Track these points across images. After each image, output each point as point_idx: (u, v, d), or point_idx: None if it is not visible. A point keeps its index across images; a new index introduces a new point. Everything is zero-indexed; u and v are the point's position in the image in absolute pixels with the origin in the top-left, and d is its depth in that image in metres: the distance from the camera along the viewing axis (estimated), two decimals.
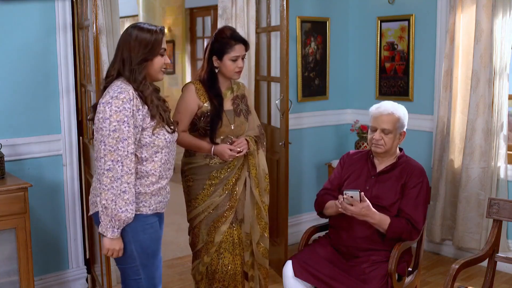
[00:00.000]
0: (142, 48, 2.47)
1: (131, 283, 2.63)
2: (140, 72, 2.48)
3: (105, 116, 2.39)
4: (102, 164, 2.40)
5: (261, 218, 3.35)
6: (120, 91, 2.41)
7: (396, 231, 2.90)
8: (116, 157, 2.39)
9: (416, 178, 3.00)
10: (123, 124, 2.38)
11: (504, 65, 4.11)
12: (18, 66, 3.49)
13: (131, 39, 2.48)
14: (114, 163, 2.39)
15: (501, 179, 4.23)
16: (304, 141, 4.93)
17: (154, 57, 2.51)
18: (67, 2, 3.61)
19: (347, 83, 5.20)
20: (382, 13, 4.87)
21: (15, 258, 3.07)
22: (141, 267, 2.59)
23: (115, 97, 2.40)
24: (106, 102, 2.40)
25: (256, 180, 3.28)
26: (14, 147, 3.48)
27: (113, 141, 2.38)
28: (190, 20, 8.77)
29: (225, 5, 4.09)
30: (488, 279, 2.95)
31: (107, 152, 2.39)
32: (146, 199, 2.55)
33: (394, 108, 3.05)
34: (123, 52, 2.49)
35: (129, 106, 2.40)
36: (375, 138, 3.03)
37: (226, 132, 3.19)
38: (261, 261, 3.40)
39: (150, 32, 2.49)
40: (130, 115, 2.40)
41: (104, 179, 2.40)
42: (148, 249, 2.58)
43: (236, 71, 3.15)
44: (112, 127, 2.38)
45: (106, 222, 2.44)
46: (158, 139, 2.51)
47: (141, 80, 2.48)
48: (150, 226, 2.58)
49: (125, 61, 2.49)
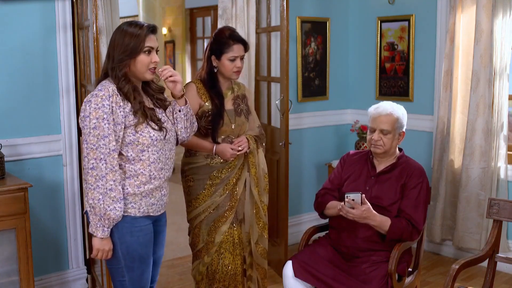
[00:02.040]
0: (124, 46, 2.42)
1: (117, 284, 2.59)
2: (120, 69, 2.43)
3: (85, 114, 2.38)
4: (86, 163, 2.38)
5: (260, 218, 3.35)
6: (100, 88, 2.41)
7: (396, 232, 2.90)
8: (98, 155, 2.36)
9: (416, 179, 3.00)
10: (103, 121, 2.35)
11: (504, 65, 4.11)
12: (18, 66, 3.49)
13: (116, 36, 2.45)
14: (97, 161, 2.36)
15: (501, 179, 4.23)
16: (304, 141, 4.93)
17: (136, 55, 2.43)
18: (67, 2, 3.61)
19: (347, 83, 5.20)
20: (382, 13, 4.87)
21: (15, 258, 3.07)
22: (125, 270, 2.53)
23: (95, 95, 2.39)
24: (87, 101, 2.40)
25: (255, 179, 3.29)
26: (14, 147, 3.48)
27: (94, 138, 2.36)
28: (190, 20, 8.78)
29: (225, 5, 4.09)
30: (488, 279, 2.95)
31: (90, 151, 2.37)
32: (136, 200, 2.49)
33: (392, 109, 3.05)
34: (109, 49, 2.47)
35: (107, 103, 2.37)
36: (374, 138, 3.03)
37: (227, 131, 3.20)
38: (260, 261, 3.40)
39: (135, 28, 2.43)
40: (109, 111, 2.37)
41: (89, 178, 2.37)
42: (134, 253, 2.50)
43: (234, 71, 3.16)
44: (92, 125, 2.36)
45: (95, 222, 2.41)
46: (142, 136, 2.45)
47: (121, 77, 2.43)
48: (140, 229, 2.51)
49: (110, 58, 2.46)
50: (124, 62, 2.43)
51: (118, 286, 2.59)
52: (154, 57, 2.47)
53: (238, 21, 4.08)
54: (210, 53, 3.18)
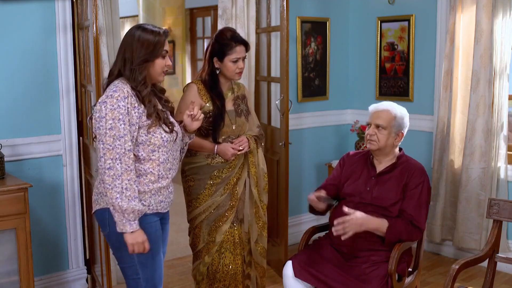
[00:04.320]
0: (144, 49, 2.50)
1: (131, 283, 2.64)
2: (140, 72, 2.51)
3: (101, 115, 2.43)
4: (103, 163, 2.42)
5: (259, 217, 3.36)
6: (115, 89, 2.45)
7: (395, 234, 2.89)
8: (114, 155, 2.41)
9: (417, 178, 3.00)
10: (119, 122, 2.41)
11: (504, 66, 4.11)
12: (18, 66, 3.49)
13: (134, 39, 2.51)
14: (113, 161, 2.41)
15: (501, 179, 4.23)
16: (304, 142, 4.93)
17: (155, 59, 2.53)
18: (67, 2, 3.61)
19: (347, 83, 5.20)
20: (382, 13, 4.87)
21: (15, 258, 3.07)
22: (139, 267, 2.59)
23: (110, 96, 2.43)
24: (102, 101, 2.44)
25: (255, 178, 3.30)
26: (14, 147, 3.48)
27: (110, 139, 2.41)
28: (190, 21, 8.76)
29: (225, 6, 4.09)
30: (488, 279, 2.95)
31: (106, 151, 2.41)
32: (146, 198, 2.55)
33: (391, 107, 3.06)
34: (126, 52, 2.52)
35: (123, 104, 2.43)
36: (368, 133, 3.05)
37: (228, 132, 3.21)
38: (259, 260, 3.41)
39: (153, 34, 2.52)
40: (125, 112, 2.43)
41: (106, 178, 2.42)
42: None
43: (237, 72, 3.17)
44: (108, 125, 2.41)
45: (120, 219, 2.45)
46: (154, 137, 2.53)
47: (141, 80, 2.51)
48: (150, 225, 2.57)
49: (127, 60, 2.52)
50: (144, 65, 2.51)
51: (132, 285, 2.63)
52: (168, 60, 2.59)
53: (238, 21, 4.08)
54: (212, 55, 3.19)
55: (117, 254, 2.63)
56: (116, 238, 2.53)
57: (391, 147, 3.06)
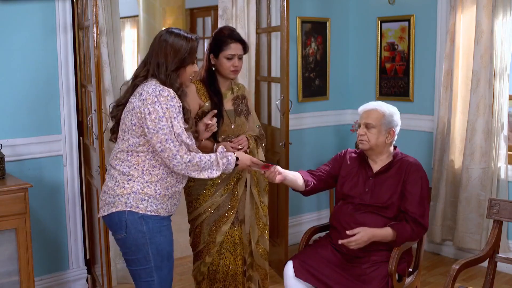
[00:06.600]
0: (179, 55, 2.54)
1: (143, 285, 2.62)
2: (175, 78, 2.56)
3: (159, 115, 2.45)
4: (180, 159, 2.48)
5: (260, 218, 3.36)
6: (161, 89, 2.48)
7: (404, 240, 2.90)
8: (185, 149, 2.49)
9: (415, 175, 2.99)
10: (175, 120, 2.47)
11: (504, 66, 4.11)
12: (19, 66, 3.49)
13: (167, 44, 2.55)
14: (187, 154, 2.49)
15: (502, 179, 4.23)
16: (305, 142, 4.93)
17: (188, 65, 2.58)
18: (67, 3, 3.61)
19: (347, 83, 5.20)
20: (382, 13, 4.87)
21: (15, 258, 3.08)
22: (154, 269, 2.60)
23: (159, 95, 2.46)
24: (153, 103, 2.45)
25: (255, 179, 3.30)
26: (14, 147, 3.48)
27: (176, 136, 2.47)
28: (191, 21, 8.76)
29: (225, 6, 4.09)
30: (488, 279, 2.95)
31: (179, 148, 2.47)
32: (164, 201, 2.60)
33: (379, 106, 3.07)
34: (159, 56, 2.55)
35: (174, 102, 2.47)
36: (359, 133, 3.05)
37: (227, 132, 3.21)
38: (260, 262, 3.40)
39: (186, 40, 2.56)
40: (178, 110, 2.49)
41: (191, 171, 2.53)
42: (163, 251, 2.61)
43: (231, 69, 3.16)
44: (169, 124, 2.45)
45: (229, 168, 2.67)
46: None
47: (178, 87, 2.56)
48: (166, 228, 2.63)
49: (160, 65, 2.54)
50: (178, 72, 2.56)
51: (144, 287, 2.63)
52: (196, 67, 2.66)
53: (238, 21, 4.09)
54: (209, 51, 3.19)
55: (132, 256, 2.60)
56: (134, 241, 2.54)
57: (383, 145, 3.05)
